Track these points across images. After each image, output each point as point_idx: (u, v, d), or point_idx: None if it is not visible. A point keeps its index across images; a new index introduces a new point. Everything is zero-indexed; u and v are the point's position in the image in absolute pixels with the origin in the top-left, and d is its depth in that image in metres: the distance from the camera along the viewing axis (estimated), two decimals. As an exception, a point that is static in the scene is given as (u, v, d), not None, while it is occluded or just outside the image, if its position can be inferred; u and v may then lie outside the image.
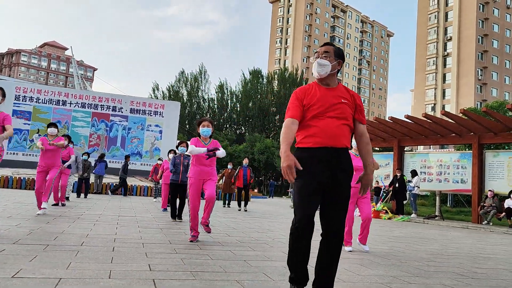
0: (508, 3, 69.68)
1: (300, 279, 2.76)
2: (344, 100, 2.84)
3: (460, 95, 65.85)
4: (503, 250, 7.06)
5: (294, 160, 2.61)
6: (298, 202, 2.74)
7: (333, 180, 2.73)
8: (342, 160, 2.78)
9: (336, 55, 2.89)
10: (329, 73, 2.86)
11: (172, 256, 4.17)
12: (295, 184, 2.79)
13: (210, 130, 5.61)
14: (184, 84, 54.56)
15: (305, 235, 2.69)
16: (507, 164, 13.46)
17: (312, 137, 2.78)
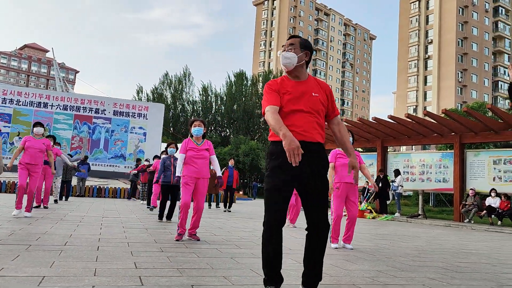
0: (486, 7, 71.35)
1: (272, 281, 2.69)
2: (315, 94, 2.80)
3: (441, 97, 67.07)
4: (485, 246, 7.20)
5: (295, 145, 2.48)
6: (267, 203, 2.71)
7: (306, 174, 2.70)
8: (314, 154, 2.73)
9: (302, 46, 2.85)
10: (296, 65, 2.82)
11: (158, 254, 4.12)
12: (265, 184, 2.75)
13: (202, 130, 5.58)
14: (168, 87, 54.22)
15: (276, 234, 2.68)
16: (487, 163, 13.74)
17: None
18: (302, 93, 2.78)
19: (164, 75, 54.75)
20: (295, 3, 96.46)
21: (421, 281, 3.66)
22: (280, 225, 2.70)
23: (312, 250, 2.74)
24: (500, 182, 13.30)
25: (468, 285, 3.61)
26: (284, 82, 2.85)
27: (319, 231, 2.73)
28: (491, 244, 7.73)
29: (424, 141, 15.53)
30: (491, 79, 71.42)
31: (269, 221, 2.69)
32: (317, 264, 2.74)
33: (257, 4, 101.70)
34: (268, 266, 2.70)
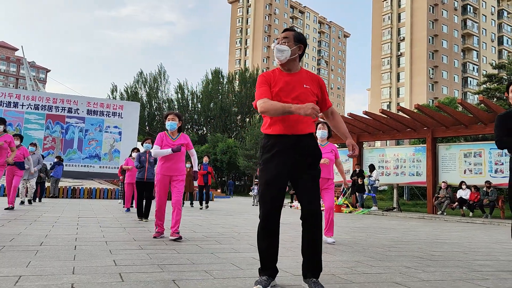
0: (455, 5, 73.36)
1: (266, 271, 2.77)
2: (306, 86, 2.84)
3: (413, 93, 68.63)
4: (457, 236, 7.44)
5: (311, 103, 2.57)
6: (262, 197, 2.75)
7: (298, 167, 2.76)
8: (305, 146, 2.79)
9: (296, 40, 2.88)
10: (289, 58, 2.85)
11: (138, 252, 4.09)
12: (259, 178, 2.80)
13: (175, 124, 5.39)
14: (143, 85, 53.54)
15: (272, 227, 2.73)
16: (458, 157, 14.17)
17: (274, 125, 2.79)
18: (293, 85, 2.81)
19: (139, 74, 54.03)
20: (270, 1, 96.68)
21: (398, 269, 3.76)
22: (275, 218, 2.73)
23: (309, 239, 2.75)
24: (470, 175, 13.75)
25: (442, 272, 3.74)
26: (276, 74, 2.88)
27: (313, 217, 2.74)
28: (462, 234, 8.00)
29: (398, 136, 15.88)
30: (461, 76, 73.56)
31: (264, 215, 2.73)
32: (316, 253, 2.75)
33: (232, 1, 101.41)
34: (264, 258, 2.76)
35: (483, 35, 76.43)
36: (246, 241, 5.27)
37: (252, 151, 36.58)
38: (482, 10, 76.68)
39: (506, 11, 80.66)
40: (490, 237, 7.54)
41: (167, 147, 5.30)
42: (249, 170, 37.76)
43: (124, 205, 10.48)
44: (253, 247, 4.79)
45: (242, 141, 42.61)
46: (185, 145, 5.45)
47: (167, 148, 5.28)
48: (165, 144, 5.33)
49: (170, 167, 5.24)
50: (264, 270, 2.78)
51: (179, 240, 5.06)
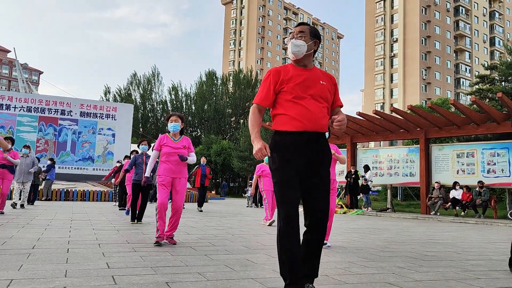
0: (448, 7, 73.91)
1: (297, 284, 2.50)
2: (323, 82, 2.76)
3: (406, 94, 68.98)
4: (450, 236, 7.49)
5: (264, 144, 2.62)
6: (280, 197, 2.60)
7: (312, 166, 2.65)
8: (321, 144, 2.70)
9: (312, 35, 2.78)
10: (305, 54, 2.75)
11: (131, 254, 4.07)
12: (274, 177, 2.65)
13: (179, 125, 5.27)
14: (137, 87, 53.32)
15: (295, 228, 2.56)
16: (451, 157, 14.26)
17: (291, 120, 2.65)
18: (312, 80, 2.72)
19: (133, 75, 53.83)
20: (263, 2, 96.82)
21: (391, 269, 3.77)
22: (297, 219, 2.57)
23: (312, 244, 2.66)
24: (463, 175, 13.84)
25: (435, 271, 3.76)
26: (290, 69, 2.76)
27: (320, 227, 2.64)
28: (456, 234, 8.05)
29: (391, 136, 15.95)
30: (454, 76, 74.06)
31: (287, 216, 2.55)
32: (316, 259, 2.68)
33: (226, 3, 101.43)
34: (292, 267, 2.51)
35: (475, 36, 77.03)
36: (240, 243, 5.26)
37: (246, 152, 36.56)
38: (474, 12, 77.30)
39: (498, 12, 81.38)
40: (483, 237, 7.59)
41: (169, 148, 5.18)
42: (244, 172, 37.74)
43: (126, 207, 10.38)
44: (246, 248, 4.78)
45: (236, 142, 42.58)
46: (187, 147, 5.35)
47: (167, 149, 5.17)
48: (165, 144, 5.22)
49: (172, 169, 5.13)
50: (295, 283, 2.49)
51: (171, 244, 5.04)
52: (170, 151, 5.16)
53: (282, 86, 2.71)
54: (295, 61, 2.80)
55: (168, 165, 5.11)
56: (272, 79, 2.74)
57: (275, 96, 2.74)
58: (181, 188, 5.15)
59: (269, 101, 2.74)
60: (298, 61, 2.78)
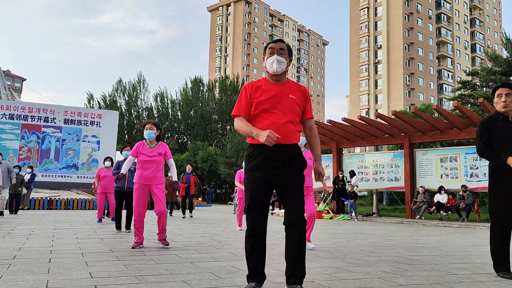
0: (430, 14, 75.34)
1: (254, 277, 2.82)
2: (292, 96, 2.89)
3: (391, 99, 69.88)
4: (435, 240, 7.57)
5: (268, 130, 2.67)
6: (248, 206, 2.80)
7: (283, 175, 2.81)
8: (290, 155, 2.84)
9: (289, 52, 2.97)
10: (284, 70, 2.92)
11: (115, 263, 4.01)
12: (245, 186, 2.85)
13: (153, 133, 5.40)
14: (122, 93, 52.90)
15: (258, 235, 2.78)
16: (435, 162, 14.46)
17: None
18: (281, 95, 2.86)
19: (118, 82, 53.40)
20: (249, 9, 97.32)
21: (376, 274, 3.79)
22: (263, 226, 2.79)
23: (294, 246, 2.76)
24: (447, 179, 14.04)
25: (420, 276, 3.79)
26: (262, 84, 2.92)
27: (297, 224, 2.76)
28: (440, 237, 8.14)
29: (376, 142, 16.12)
30: (436, 82, 75.36)
31: (251, 223, 2.78)
32: (300, 259, 2.77)
33: (211, 10, 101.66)
34: (252, 264, 2.81)
35: (456, 43, 78.63)
36: (227, 250, 5.23)
37: (233, 158, 36.49)
38: (455, 19, 78.97)
39: (478, 19, 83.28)
40: (466, 240, 7.70)
41: (144, 156, 5.36)
42: (230, 178, 37.62)
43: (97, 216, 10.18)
44: (233, 255, 4.76)
45: (223, 148, 42.48)
46: (163, 154, 5.47)
47: (142, 156, 5.36)
48: (141, 154, 5.36)
49: (148, 176, 5.27)
50: (252, 277, 2.82)
51: (166, 247, 5.25)
52: (145, 159, 5.31)
53: (254, 99, 2.87)
54: (270, 76, 2.96)
55: (144, 173, 5.26)
56: (247, 92, 2.91)
57: (251, 108, 2.89)
58: (160, 193, 5.31)
59: (247, 111, 2.90)
60: (273, 76, 2.95)
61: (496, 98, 4.02)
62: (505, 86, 4.02)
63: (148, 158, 5.31)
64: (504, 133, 3.91)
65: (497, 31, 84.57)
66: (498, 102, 3.99)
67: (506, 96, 3.94)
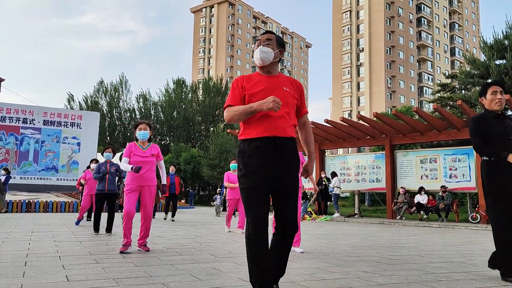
0: (410, 18, 76.63)
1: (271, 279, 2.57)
2: (286, 88, 2.79)
3: (373, 102, 70.78)
4: (414, 240, 7.68)
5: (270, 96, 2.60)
6: (247, 203, 2.61)
7: (279, 171, 2.66)
8: (287, 149, 2.70)
9: (278, 43, 2.85)
10: (271, 61, 2.80)
11: (93, 266, 3.94)
12: (241, 184, 2.66)
13: (147, 133, 5.36)
14: (104, 95, 52.22)
15: (263, 234, 2.57)
16: (415, 163, 14.68)
17: (255, 127, 2.68)
18: (274, 86, 2.76)
19: (99, 83, 52.70)
20: (232, 11, 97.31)
21: (356, 274, 3.82)
22: (265, 225, 2.58)
23: (281, 250, 2.71)
24: (427, 180, 14.26)
25: (399, 275, 3.83)
26: (254, 77, 2.82)
27: (289, 233, 2.68)
28: (419, 237, 8.26)
29: (358, 143, 16.28)
30: (417, 85, 76.65)
31: (254, 221, 2.56)
32: (284, 264, 2.75)
33: (195, 11, 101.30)
34: (260, 273, 2.53)
35: (436, 46, 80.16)
36: (208, 252, 5.20)
37: (216, 160, 36.34)
38: (435, 23, 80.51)
39: (457, 23, 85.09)
40: (445, 240, 7.83)
41: (137, 157, 5.27)
42: (214, 180, 37.47)
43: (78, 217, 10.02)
44: (214, 257, 4.73)
45: (206, 150, 42.30)
46: (156, 155, 5.45)
47: (136, 157, 5.27)
48: (134, 155, 5.28)
49: (141, 177, 5.19)
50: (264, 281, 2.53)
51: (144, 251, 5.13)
52: (139, 160, 5.24)
53: (247, 91, 2.75)
54: (260, 68, 2.85)
55: (136, 174, 5.15)
56: (238, 83, 2.80)
57: (243, 100, 2.75)
58: (150, 196, 5.22)
59: (240, 103, 2.74)
60: (262, 68, 2.84)
61: (491, 95, 3.91)
62: (498, 84, 3.97)
63: (142, 159, 5.24)
64: (499, 130, 3.82)
65: (476, 35, 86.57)
66: (494, 99, 3.88)
67: (501, 94, 3.90)
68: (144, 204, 5.21)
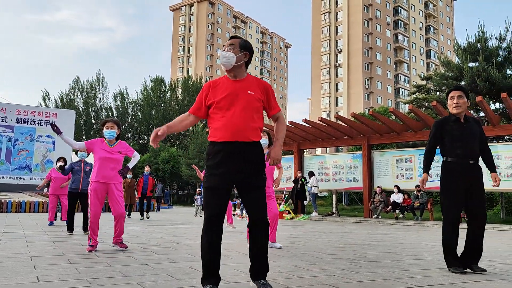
0: (388, 20, 77.96)
1: (210, 279, 2.78)
2: (251, 92, 2.87)
3: (351, 102, 71.70)
4: (390, 238, 7.80)
5: (157, 129, 2.95)
6: (206, 201, 2.81)
7: (243, 174, 2.81)
8: (249, 154, 2.82)
9: (241, 47, 2.93)
10: (234, 65, 2.89)
11: (66, 266, 3.85)
12: (204, 183, 2.85)
13: (114, 132, 5.25)
14: (80, 93, 51.20)
15: (215, 229, 2.77)
16: (391, 162, 14.93)
17: (218, 131, 2.83)
18: (238, 92, 2.85)
19: (75, 80, 51.63)
20: (212, 10, 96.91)
21: (333, 272, 3.85)
22: (218, 221, 2.78)
23: (257, 244, 2.84)
24: (402, 179, 14.53)
25: (374, 272, 3.88)
26: (222, 81, 2.95)
27: (260, 225, 2.83)
28: (395, 235, 8.40)
29: (336, 143, 16.45)
30: (394, 86, 78.05)
31: (208, 217, 2.77)
32: (263, 257, 2.87)
33: (174, 9, 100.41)
34: (207, 265, 2.76)
35: (413, 48, 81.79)
36: (185, 251, 5.15)
37: (195, 160, 36.11)
38: (412, 26, 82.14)
39: (433, 27, 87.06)
40: (419, 238, 7.99)
41: (104, 152, 5.17)
42: (193, 179, 37.23)
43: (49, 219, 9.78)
44: (191, 256, 4.69)
45: (185, 150, 41.99)
46: (123, 153, 5.35)
47: (103, 152, 5.16)
48: (101, 149, 5.19)
49: (107, 175, 5.09)
50: (207, 279, 2.77)
51: (123, 250, 5.08)
52: (105, 156, 5.13)
53: (210, 99, 2.90)
54: (227, 72, 2.97)
55: (102, 171, 5.07)
56: (204, 92, 2.97)
57: (207, 108, 2.94)
58: (118, 194, 5.15)
59: (201, 112, 2.97)
60: (228, 72, 2.96)
61: (449, 100, 4.21)
62: (457, 89, 4.22)
63: (108, 155, 5.13)
64: (457, 134, 4.10)
65: (450, 39, 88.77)
66: (451, 104, 4.18)
67: (458, 98, 4.14)
68: (113, 202, 5.11)
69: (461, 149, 4.06)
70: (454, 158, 4.10)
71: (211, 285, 2.74)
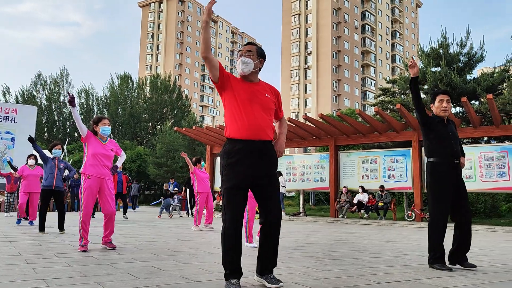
0: (356, 24, 79.61)
1: (235, 274, 2.91)
2: (268, 95, 3.10)
3: (319, 104, 72.72)
4: (355, 237, 7.95)
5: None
6: (227, 199, 2.91)
7: (260, 171, 2.97)
8: (267, 152, 3.02)
9: (258, 54, 3.11)
10: (252, 71, 3.07)
11: (22, 267, 3.69)
12: (224, 183, 2.95)
13: (110, 129, 5.28)
14: (43, 88, 49.37)
15: (238, 229, 2.91)
16: (357, 163, 15.24)
17: (240, 130, 2.95)
18: (257, 93, 3.05)
19: (37, 76, 49.75)
20: (182, 8, 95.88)
21: (298, 269, 3.87)
22: (240, 221, 2.92)
23: (270, 243, 3.01)
24: (367, 180, 14.85)
25: (338, 269, 3.93)
26: (239, 81, 3.10)
27: (276, 226, 3.01)
28: (359, 234, 8.57)
29: (304, 143, 16.62)
30: (360, 89, 79.80)
31: (231, 218, 2.89)
32: (274, 254, 3.06)
33: (143, 5, 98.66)
34: (231, 261, 2.89)
35: (379, 53, 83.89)
36: (149, 250, 5.05)
37: (163, 159, 35.54)
38: (379, 30, 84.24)
39: (398, 32, 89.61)
40: (383, 236, 8.18)
41: (100, 148, 5.09)
42: (160, 179, 36.66)
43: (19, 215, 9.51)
44: (155, 256, 4.60)
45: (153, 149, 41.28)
46: (114, 151, 5.37)
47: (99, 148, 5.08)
48: (97, 144, 5.11)
49: (100, 170, 5.03)
50: (232, 274, 2.90)
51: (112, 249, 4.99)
52: (101, 152, 5.06)
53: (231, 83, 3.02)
54: (242, 77, 3.13)
55: (98, 165, 5.00)
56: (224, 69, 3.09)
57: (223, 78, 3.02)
58: (110, 191, 5.09)
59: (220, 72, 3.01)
60: (245, 77, 3.11)
61: (438, 103, 4.30)
62: (446, 93, 4.35)
63: (103, 151, 5.10)
64: (444, 134, 4.23)
65: (414, 44, 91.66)
66: (440, 107, 4.28)
67: (447, 102, 4.29)
68: (104, 201, 5.07)
69: (447, 148, 4.19)
70: (443, 158, 4.20)
71: (237, 280, 2.89)
